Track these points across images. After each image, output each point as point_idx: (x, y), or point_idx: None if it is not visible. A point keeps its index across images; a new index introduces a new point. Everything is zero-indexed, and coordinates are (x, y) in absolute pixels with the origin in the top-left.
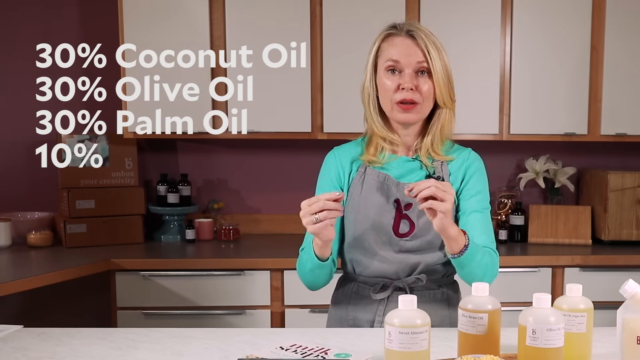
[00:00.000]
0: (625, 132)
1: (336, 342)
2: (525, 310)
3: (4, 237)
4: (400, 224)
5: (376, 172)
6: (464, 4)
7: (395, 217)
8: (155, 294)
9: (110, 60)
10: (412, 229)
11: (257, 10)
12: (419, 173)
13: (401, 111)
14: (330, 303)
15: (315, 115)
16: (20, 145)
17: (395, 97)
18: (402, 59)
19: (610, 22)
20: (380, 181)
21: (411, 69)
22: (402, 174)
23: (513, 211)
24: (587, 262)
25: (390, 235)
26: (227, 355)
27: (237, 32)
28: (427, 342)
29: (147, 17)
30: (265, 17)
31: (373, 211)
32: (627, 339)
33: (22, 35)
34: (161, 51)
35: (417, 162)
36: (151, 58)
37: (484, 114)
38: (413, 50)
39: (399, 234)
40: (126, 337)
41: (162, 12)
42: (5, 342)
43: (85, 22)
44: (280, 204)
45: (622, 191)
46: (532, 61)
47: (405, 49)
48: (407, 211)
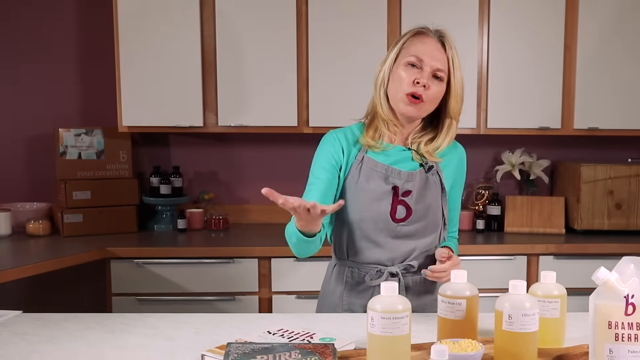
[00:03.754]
0: (597, 126)
1: (321, 326)
2: (502, 297)
3: (4, 227)
4: (397, 209)
5: (373, 160)
6: (443, 5)
7: (393, 203)
8: (148, 281)
9: (107, 58)
10: (409, 214)
11: (245, 12)
12: (412, 163)
13: (407, 103)
14: (321, 289)
15: (301, 110)
16: (19, 139)
17: (407, 89)
18: (426, 58)
19: (583, 22)
20: (378, 170)
21: (430, 70)
22: (397, 161)
23: (490, 202)
24: (560, 250)
25: (388, 220)
26: (217, 339)
27: (226, 33)
28: (408, 326)
29: (140, 19)
30: (252, 19)
31: (370, 197)
32: (599, 324)
33: (22, 32)
34: (154, 51)
35: (410, 152)
36: (145, 57)
37: (463, 109)
38: (439, 55)
39: (396, 219)
40: (121, 322)
41: (154, 14)
42: (4, 327)
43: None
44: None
45: (594, 183)
46: (508, 59)
47: (432, 50)
48: (405, 197)
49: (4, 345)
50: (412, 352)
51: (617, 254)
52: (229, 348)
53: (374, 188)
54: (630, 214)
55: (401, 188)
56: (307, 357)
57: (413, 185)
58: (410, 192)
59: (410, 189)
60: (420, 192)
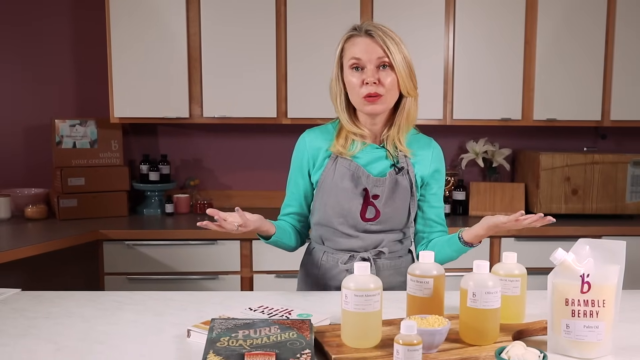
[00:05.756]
0: (555, 117)
1: (299, 303)
2: (466, 276)
3: (3, 211)
4: (367, 210)
5: (348, 161)
6: (413, 7)
7: (363, 204)
8: (138, 261)
9: (100, 55)
10: (377, 216)
11: (228, 13)
12: (385, 162)
13: (367, 103)
14: (299, 269)
15: (280, 102)
16: (19, 129)
17: (361, 91)
18: (363, 56)
19: (542, 20)
20: (352, 171)
21: (373, 65)
22: (370, 162)
23: (455, 187)
24: (521, 232)
25: (357, 220)
26: (202, 315)
27: (211, 31)
28: (379, 303)
29: (130, 19)
30: (235, 19)
31: (343, 197)
32: (557, 301)
33: (22, 34)
34: (144, 48)
35: (384, 150)
36: (135, 54)
37: (430, 102)
38: (372, 47)
39: (366, 218)
40: (113, 299)
41: (144, 13)
42: (4, 304)
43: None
44: (249, 181)
45: (552, 170)
46: (473, 55)
47: (365, 47)
48: (374, 200)
49: (3, 320)
50: (383, 327)
51: (573, 236)
52: (213, 323)
53: (347, 187)
54: (585, 199)
55: (371, 192)
56: (285, 332)
57: (382, 190)
58: (378, 196)
59: (378, 193)
60: (389, 196)
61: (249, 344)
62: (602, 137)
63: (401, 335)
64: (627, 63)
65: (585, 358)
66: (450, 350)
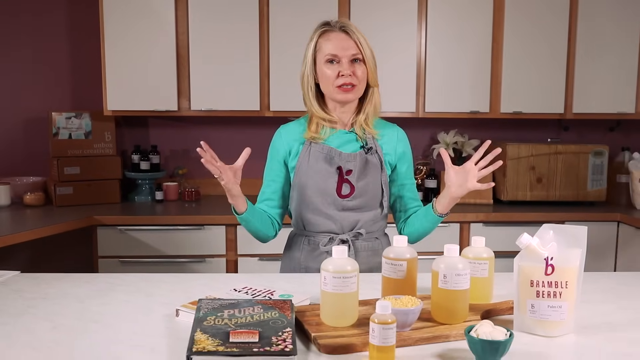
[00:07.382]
0: (520, 110)
1: (281, 285)
2: (438, 259)
3: (3, 198)
4: (342, 187)
5: (320, 145)
6: (388, 6)
7: (338, 181)
8: (130, 245)
9: (94, 52)
10: (352, 191)
11: (214, 11)
12: (355, 144)
13: (341, 93)
14: (282, 253)
15: (263, 96)
16: (18, 121)
17: (336, 82)
18: (339, 52)
19: (509, 19)
20: (325, 152)
21: (347, 59)
22: (341, 144)
23: (427, 176)
24: (489, 218)
25: (334, 196)
26: (190, 296)
27: (198, 30)
28: (356, 285)
29: (123, 15)
30: (220, 17)
31: (319, 177)
32: (522, 282)
33: (20, 32)
34: (135, 45)
35: (353, 134)
36: (127, 50)
37: (404, 95)
38: (347, 43)
39: (342, 195)
40: (106, 281)
41: (135, 13)
42: (4, 285)
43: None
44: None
45: (518, 160)
46: (444, 52)
47: (341, 42)
48: (348, 176)
49: (3, 301)
50: (360, 307)
51: (538, 221)
52: (200, 303)
53: (322, 168)
54: (549, 186)
55: (344, 167)
56: (268, 312)
57: (354, 165)
58: (351, 171)
59: (351, 168)
60: (361, 171)
61: (234, 322)
62: (565, 128)
63: (376, 315)
64: (588, 60)
65: (549, 336)
66: (423, 329)
